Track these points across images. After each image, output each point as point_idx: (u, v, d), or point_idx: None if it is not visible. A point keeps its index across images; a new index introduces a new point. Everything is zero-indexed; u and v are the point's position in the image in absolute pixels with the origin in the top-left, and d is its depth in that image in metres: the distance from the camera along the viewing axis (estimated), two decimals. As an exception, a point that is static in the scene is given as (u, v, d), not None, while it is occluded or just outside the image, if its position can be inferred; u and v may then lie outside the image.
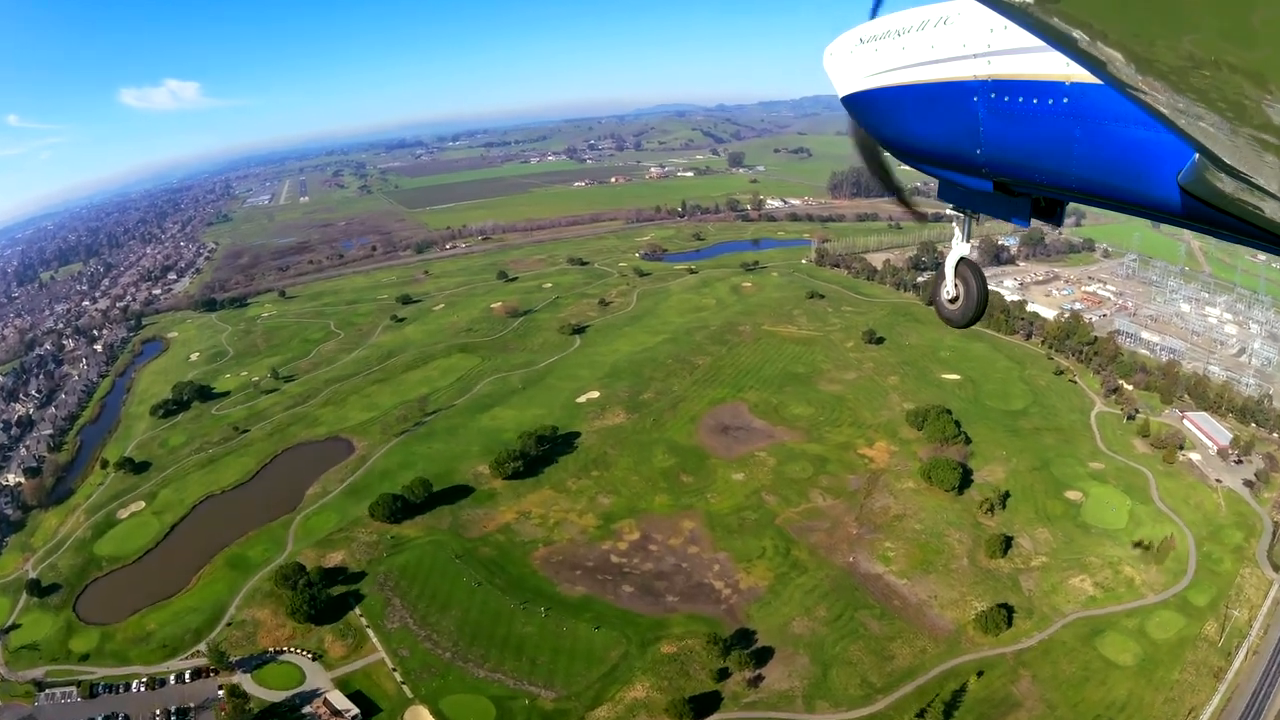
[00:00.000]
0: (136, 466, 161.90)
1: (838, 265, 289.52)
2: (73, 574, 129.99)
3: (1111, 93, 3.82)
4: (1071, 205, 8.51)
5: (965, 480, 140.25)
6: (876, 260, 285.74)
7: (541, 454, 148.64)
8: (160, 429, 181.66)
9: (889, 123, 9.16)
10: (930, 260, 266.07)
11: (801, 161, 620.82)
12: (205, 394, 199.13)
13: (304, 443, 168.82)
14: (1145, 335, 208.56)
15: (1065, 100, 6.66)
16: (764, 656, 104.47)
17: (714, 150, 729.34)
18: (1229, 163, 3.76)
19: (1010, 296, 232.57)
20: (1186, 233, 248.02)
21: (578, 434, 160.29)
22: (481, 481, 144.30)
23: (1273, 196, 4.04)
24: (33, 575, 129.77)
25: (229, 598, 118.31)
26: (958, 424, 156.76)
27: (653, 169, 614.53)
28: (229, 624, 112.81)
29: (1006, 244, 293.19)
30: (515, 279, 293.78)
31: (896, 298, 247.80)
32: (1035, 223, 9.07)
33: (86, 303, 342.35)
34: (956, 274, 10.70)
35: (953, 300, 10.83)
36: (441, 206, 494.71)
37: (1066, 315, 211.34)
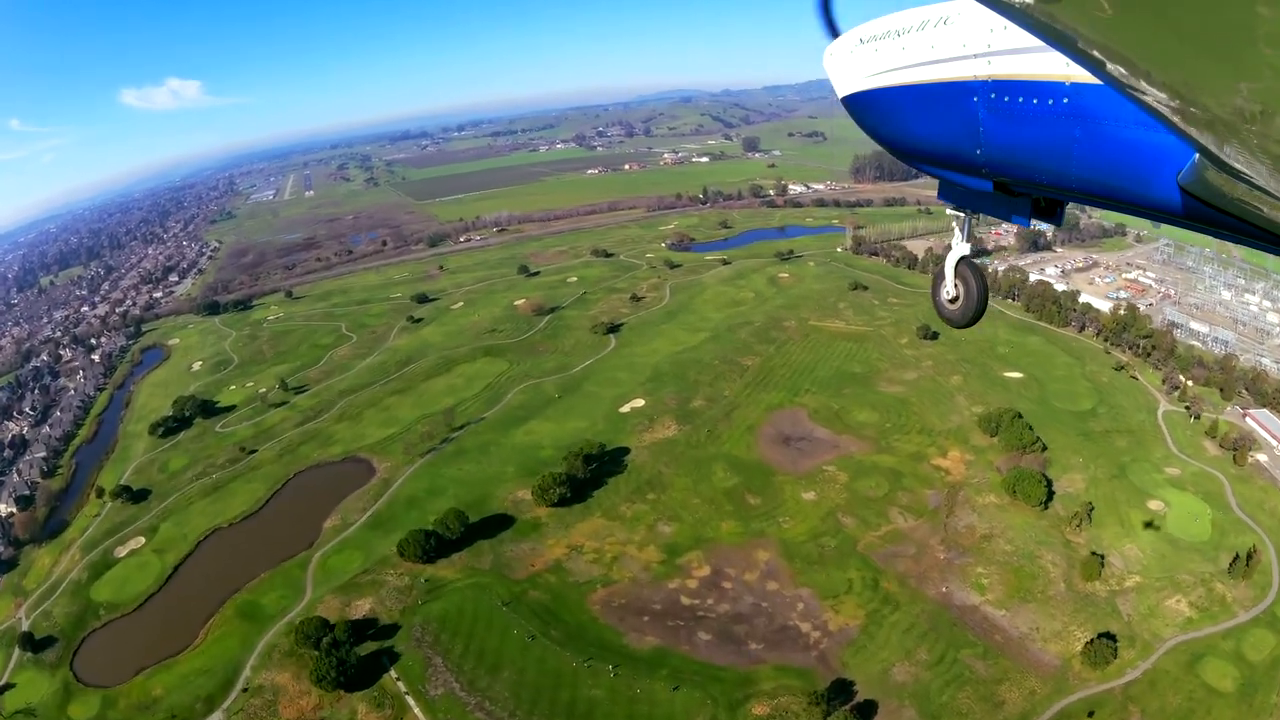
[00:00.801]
0: (135, 495, 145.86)
1: (875, 253, 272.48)
2: (69, 624, 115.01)
3: (1111, 93, 3.87)
4: None
5: (1048, 492, 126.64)
6: (915, 247, 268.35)
7: (589, 475, 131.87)
8: (160, 450, 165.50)
9: (889, 123, 8.82)
10: (974, 248, 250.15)
11: (817, 145, 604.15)
12: (208, 409, 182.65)
13: (318, 464, 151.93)
14: (1194, 325, 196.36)
15: (1065, 100, 6.50)
16: (867, 712, 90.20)
17: (726, 135, 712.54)
18: (1229, 163, 3.79)
19: (1057, 286, 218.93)
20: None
21: (626, 450, 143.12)
22: (523, 509, 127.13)
23: (1273, 197, 4.03)
24: (26, 626, 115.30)
25: (243, 656, 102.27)
26: (1031, 428, 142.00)
27: (666, 155, 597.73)
28: (245, 690, 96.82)
29: (1043, 229, 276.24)
30: (537, 273, 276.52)
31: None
32: (1034, 222, 8.74)
33: (85, 308, 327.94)
34: (956, 274, 10.42)
35: (953, 300, 10.51)
36: (451, 197, 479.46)
37: (1123, 307, 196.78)
